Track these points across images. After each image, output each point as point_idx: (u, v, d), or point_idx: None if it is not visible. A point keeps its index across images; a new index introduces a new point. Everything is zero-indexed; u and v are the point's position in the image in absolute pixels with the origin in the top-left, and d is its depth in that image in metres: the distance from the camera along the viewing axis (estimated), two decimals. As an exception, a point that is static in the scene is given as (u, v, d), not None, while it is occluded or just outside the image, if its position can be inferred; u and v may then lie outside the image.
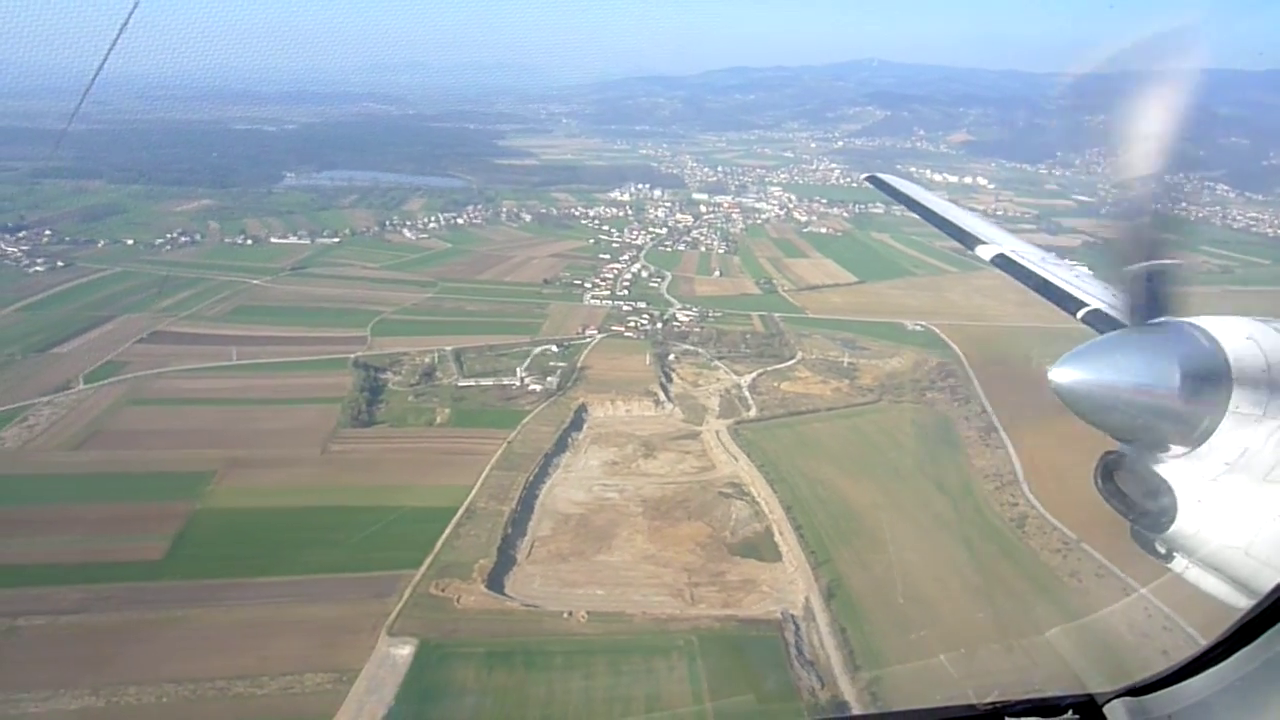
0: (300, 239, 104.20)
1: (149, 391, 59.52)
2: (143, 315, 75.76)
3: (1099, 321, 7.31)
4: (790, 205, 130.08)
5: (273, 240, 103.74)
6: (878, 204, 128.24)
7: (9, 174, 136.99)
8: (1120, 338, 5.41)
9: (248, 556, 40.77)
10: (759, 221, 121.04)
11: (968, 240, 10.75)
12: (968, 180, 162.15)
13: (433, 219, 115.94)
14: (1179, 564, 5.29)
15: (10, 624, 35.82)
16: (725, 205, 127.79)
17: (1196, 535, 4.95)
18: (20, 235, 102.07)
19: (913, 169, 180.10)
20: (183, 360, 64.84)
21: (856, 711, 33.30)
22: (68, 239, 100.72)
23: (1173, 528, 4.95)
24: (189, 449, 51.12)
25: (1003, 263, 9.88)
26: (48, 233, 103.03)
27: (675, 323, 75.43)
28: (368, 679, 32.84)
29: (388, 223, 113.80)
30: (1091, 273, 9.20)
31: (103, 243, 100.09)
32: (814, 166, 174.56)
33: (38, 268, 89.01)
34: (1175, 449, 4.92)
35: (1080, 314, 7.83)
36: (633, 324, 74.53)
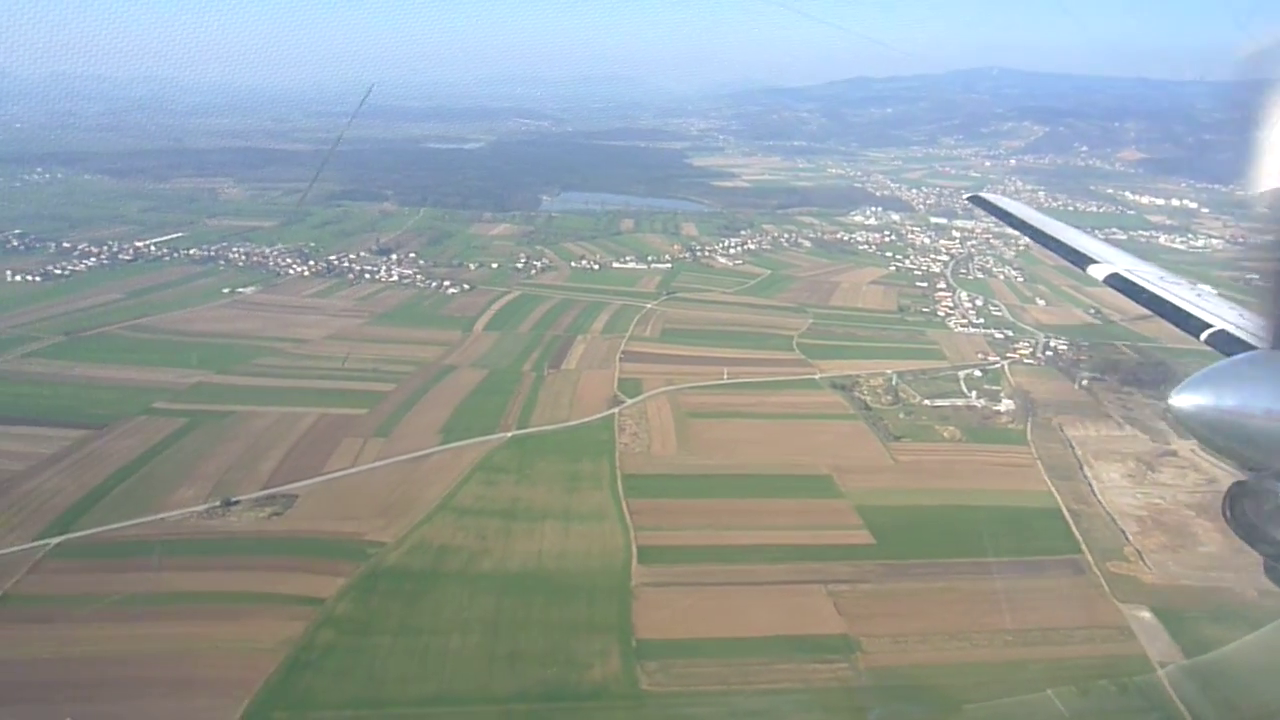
0: (637, 264, 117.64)
1: (687, 406, 72.59)
2: (588, 335, 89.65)
3: (1225, 343, 7.08)
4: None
5: (614, 265, 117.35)
6: (1113, 228, 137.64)
7: (295, 195, 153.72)
8: (1247, 361, 5.28)
9: (931, 543, 53.00)
10: (1021, 248, 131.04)
11: (1079, 259, 10.39)
12: (1175, 203, 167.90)
13: (730, 245, 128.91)
14: None
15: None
16: (978, 231, 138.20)
17: None
18: (392, 258, 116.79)
19: (1109, 189, 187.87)
20: (680, 380, 77.90)
21: None
22: (435, 263, 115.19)
23: None
24: (784, 456, 63.49)
25: (1118, 282, 9.63)
26: (414, 257, 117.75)
27: (1058, 351, 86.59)
28: (1140, 633, 44.83)
29: (695, 248, 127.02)
30: (1216, 292, 8.92)
31: (473, 265, 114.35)
32: (1014, 187, 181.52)
33: (452, 290, 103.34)
34: None
35: (1204, 336, 7.56)
36: (1025, 351, 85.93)
